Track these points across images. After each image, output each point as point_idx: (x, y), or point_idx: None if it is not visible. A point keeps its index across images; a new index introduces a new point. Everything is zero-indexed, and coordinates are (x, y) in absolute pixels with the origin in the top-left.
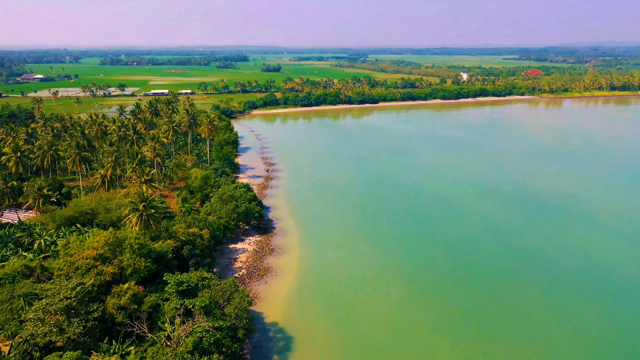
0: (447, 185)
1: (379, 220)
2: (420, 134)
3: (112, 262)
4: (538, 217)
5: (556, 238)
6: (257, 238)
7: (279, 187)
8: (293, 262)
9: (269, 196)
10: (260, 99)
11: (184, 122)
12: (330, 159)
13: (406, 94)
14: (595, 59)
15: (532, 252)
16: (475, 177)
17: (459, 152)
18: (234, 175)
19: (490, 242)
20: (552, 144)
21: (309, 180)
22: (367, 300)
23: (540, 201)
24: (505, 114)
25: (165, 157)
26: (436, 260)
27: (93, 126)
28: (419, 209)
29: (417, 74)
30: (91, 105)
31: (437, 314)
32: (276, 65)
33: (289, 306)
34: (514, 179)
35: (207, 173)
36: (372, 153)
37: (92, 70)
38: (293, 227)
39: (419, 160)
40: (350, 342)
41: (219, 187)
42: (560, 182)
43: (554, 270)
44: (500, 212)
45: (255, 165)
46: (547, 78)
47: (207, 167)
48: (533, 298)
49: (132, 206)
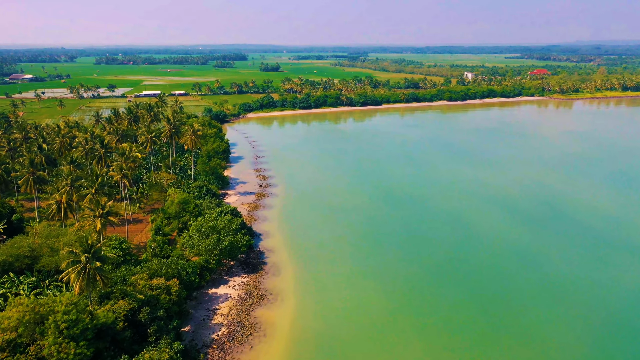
0: (464, 203)
1: (389, 251)
2: (429, 140)
3: (28, 351)
4: (574, 246)
5: (597, 273)
6: (243, 279)
7: (273, 206)
8: (286, 314)
9: (260, 219)
10: (257, 101)
11: (164, 132)
12: (331, 170)
13: (410, 95)
14: (600, 58)
15: (570, 291)
16: (496, 192)
17: (474, 162)
18: (223, 191)
19: (519, 277)
20: (575, 151)
21: (307, 197)
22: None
23: (576, 225)
24: (518, 116)
25: (145, 170)
26: (460, 307)
27: (57, 138)
28: (434, 236)
29: (420, 73)
30: (77, 108)
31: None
32: (275, 65)
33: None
34: (540, 195)
35: (185, 197)
36: (377, 163)
37: (85, 70)
38: (287, 263)
39: (430, 172)
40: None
41: (199, 214)
42: (595, 199)
43: (595, 316)
44: (529, 238)
45: (247, 178)
46: (556, 78)
47: (190, 185)
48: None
49: (72, 257)
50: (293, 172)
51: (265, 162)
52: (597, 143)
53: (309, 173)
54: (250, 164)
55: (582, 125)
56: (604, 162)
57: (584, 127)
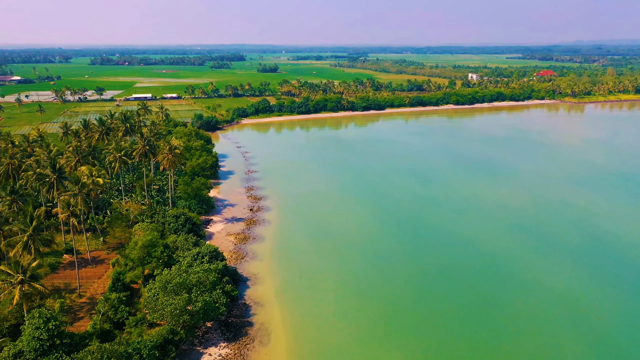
0: (488, 233)
1: (405, 302)
2: (439, 151)
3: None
4: (630, 294)
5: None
6: (222, 349)
7: (265, 238)
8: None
9: (249, 256)
10: (252, 106)
11: (137, 149)
12: (332, 189)
13: (415, 99)
14: (604, 59)
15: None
16: (521, 216)
17: (494, 178)
18: (207, 217)
19: (568, 338)
20: (605, 164)
21: (304, 225)
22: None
23: (627, 263)
24: (531, 122)
25: (116, 193)
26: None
27: (3, 158)
28: (457, 276)
29: (422, 74)
30: (61, 113)
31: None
32: (273, 66)
33: None
34: (577, 222)
35: (151, 238)
36: (384, 179)
37: (78, 71)
38: (279, 325)
39: (445, 191)
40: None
41: (169, 259)
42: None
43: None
44: (574, 282)
45: (237, 199)
46: (565, 79)
47: (167, 214)
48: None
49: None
50: (289, 190)
51: (258, 178)
52: (630, 154)
53: (307, 192)
54: (241, 180)
55: (605, 133)
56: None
57: (607, 135)
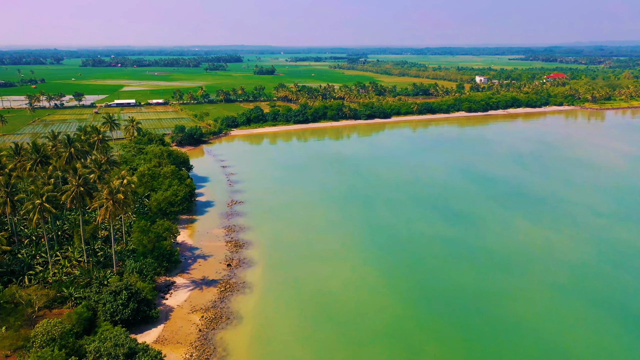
0: (556, 316)
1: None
2: (460, 171)
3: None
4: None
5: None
6: None
7: (243, 317)
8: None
9: (216, 355)
10: (243, 114)
11: (68, 190)
12: (335, 230)
13: (423, 106)
14: (610, 60)
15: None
16: (603, 286)
17: (538, 214)
18: (168, 278)
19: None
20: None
21: (299, 293)
22: None
23: None
24: (558, 133)
25: (28, 259)
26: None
27: None
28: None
29: (426, 76)
30: (29, 122)
31: None
32: (270, 67)
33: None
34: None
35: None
36: (398, 216)
37: (67, 73)
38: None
39: (477, 234)
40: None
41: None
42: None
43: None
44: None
45: (212, 247)
46: (581, 83)
47: (103, 287)
48: None
49: None
50: (280, 232)
51: (242, 212)
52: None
53: (303, 237)
54: (220, 216)
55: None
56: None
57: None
